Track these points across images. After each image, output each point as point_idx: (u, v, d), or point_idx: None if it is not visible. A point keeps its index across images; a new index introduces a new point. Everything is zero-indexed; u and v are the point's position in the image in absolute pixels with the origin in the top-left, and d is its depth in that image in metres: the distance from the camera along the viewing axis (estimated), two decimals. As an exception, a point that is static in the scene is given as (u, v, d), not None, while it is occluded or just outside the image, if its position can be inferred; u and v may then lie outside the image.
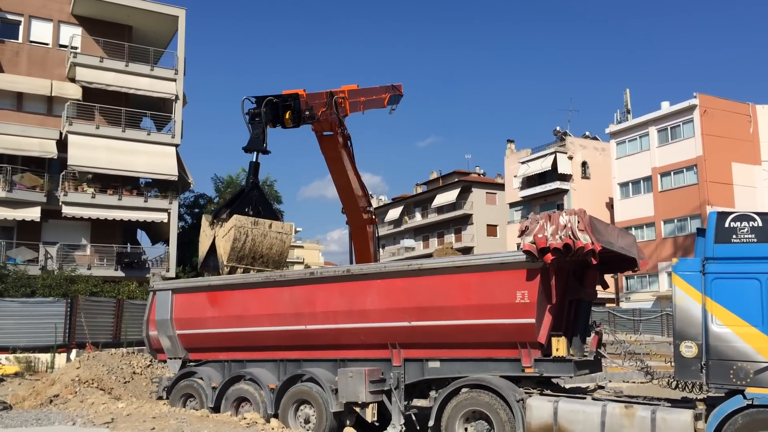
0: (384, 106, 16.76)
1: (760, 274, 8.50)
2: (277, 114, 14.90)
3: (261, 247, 14.18)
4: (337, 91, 15.72)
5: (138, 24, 35.48)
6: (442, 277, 10.77)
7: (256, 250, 14.12)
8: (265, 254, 14.26)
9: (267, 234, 14.29)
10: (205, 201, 40.78)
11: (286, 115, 14.96)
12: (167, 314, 13.79)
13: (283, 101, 14.89)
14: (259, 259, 14.18)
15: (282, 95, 14.92)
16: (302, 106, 14.98)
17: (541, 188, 55.51)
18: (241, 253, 13.85)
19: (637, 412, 9.00)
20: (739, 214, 8.88)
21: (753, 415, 8.27)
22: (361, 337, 11.53)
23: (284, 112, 14.93)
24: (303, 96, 15.06)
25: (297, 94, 15.03)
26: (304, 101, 15.02)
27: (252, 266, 14.03)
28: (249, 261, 14.03)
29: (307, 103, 15.00)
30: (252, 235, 13.98)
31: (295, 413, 11.89)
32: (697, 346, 8.78)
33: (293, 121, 15.03)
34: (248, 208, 14.59)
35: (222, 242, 13.96)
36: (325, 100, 15.23)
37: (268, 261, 14.36)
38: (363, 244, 16.70)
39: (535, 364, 10.05)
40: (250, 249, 14.01)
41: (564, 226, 9.53)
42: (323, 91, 15.40)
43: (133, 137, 33.28)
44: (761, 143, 46.59)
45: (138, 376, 16.94)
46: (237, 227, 13.81)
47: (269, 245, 14.33)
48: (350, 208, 16.41)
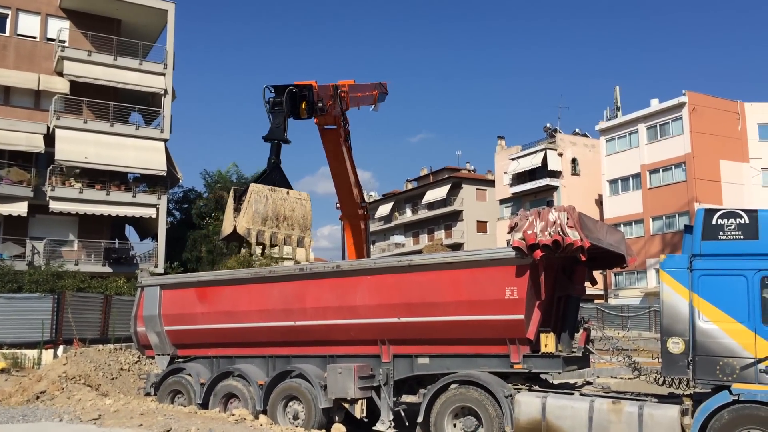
0: (374, 103, 16.75)
1: (747, 271, 8.56)
2: (294, 104, 14.71)
3: (283, 209, 14.02)
4: (339, 84, 15.70)
5: (127, 18, 35.22)
6: (432, 273, 10.78)
7: (279, 212, 13.91)
8: (289, 216, 14.09)
9: (286, 199, 14.20)
10: (194, 196, 40.57)
11: (302, 105, 14.81)
12: (155, 310, 13.73)
13: (299, 91, 14.72)
14: (284, 221, 13.96)
15: (296, 85, 14.76)
16: (315, 97, 14.88)
17: (531, 185, 55.65)
18: (264, 215, 13.61)
19: (624, 407, 9.05)
20: (726, 212, 8.94)
21: (739, 410, 8.33)
22: (350, 333, 11.52)
23: (300, 102, 14.77)
24: (315, 87, 14.96)
25: (310, 85, 14.87)
26: (316, 93, 14.94)
27: (278, 229, 13.78)
28: (274, 223, 13.78)
29: (319, 95, 14.92)
30: (272, 198, 13.85)
31: (284, 409, 11.88)
32: (684, 342, 8.84)
33: (307, 112, 14.89)
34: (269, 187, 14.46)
35: (245, 214, 13.59)
36: (332, 93, 15.19)
37: (293, 223, 14.17)
38: (356, 240, 16.69)
39: (523, 360, 10.09)
40: (273, 211, 13.79)
41: (553, 223, 9.56)
42: (329, 84, 15.35)
43: (121, 132, 33.05)
44: (749, 141, 46.89)
45: (125, 372, 16.87)
46: (255, 191, 13.63)
47: (291, 208, 14.21)
48: (346, 203, 16.39)
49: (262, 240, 13.61)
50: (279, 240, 13.91)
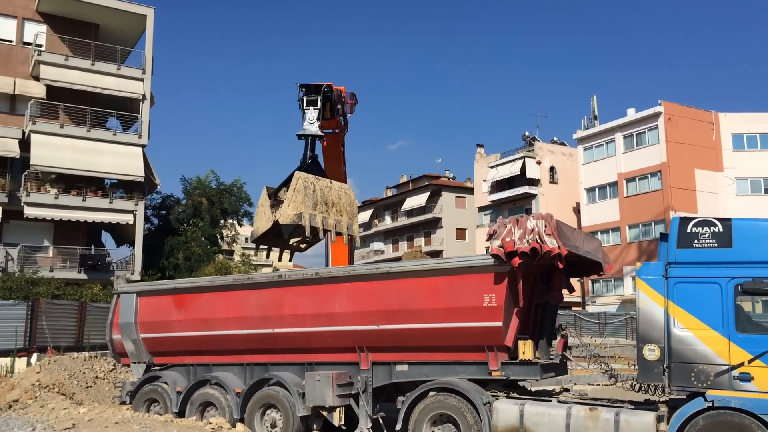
0: (351, 112, 16.72)
1: (720, 279, 8.67)
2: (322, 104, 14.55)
3: (330, 195, 13.85)
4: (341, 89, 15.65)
5: (105, 22, 34.91)
6: (411, 281, 10.79)
7: (327, 198, 13.72)
8: (337, 202, 13.91)
9: (331, 187, 14.07)
10: (173, 203, 40.23)
11: (327, 106, 14.71)
12: (131, 317, 13.57)
13: (326, 92, 14.57)
14: (332, 207, 13.76)
15: (327, 85, 14.56)
16: (334, 99, 14.81)
17: (510, 193, 56.05)
18: (314, 200, 13.38)
19: (601, 414, 9.11)
20: (701, 220, 9.06)
21: (713, 417, 8.43)
22: (329, 340, 11.48)
23: (325, 103, 14.66)
24: (333, 89, 14.89)
25: (330, 85, 14.73)
26: (336, 95, 14.88)
27: (328, 214, 13.56)
28: (324, 208, 13.57)
29: (337, 97, 14.86)
30: (318, 185, 13.67)
31: (261, 417, 11.79)
32: (659, 349, 8.92)
33: (330, 113, 14.80)
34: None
35: (291, 203, 13.34)
36: (337, 97, 15.13)
37: (341, 210, 13.97)
38: (341, 247, 16.53)
39: (501, 367, 10.12)
40: (321, 197, 13.59)
41: (531, 231, 9.63)
42: (340, 88, 15.29)
43: (98, 137, 32.69)
44: (723, 150, 47.68)
45: (101, 380, 16.63)
46: (302, 178, 13.41)
47: (337, 195, 14.06)
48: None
49: (314, 223, 13.32)
50: (330, 225, 13.65)
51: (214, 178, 40.76)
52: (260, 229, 13.93)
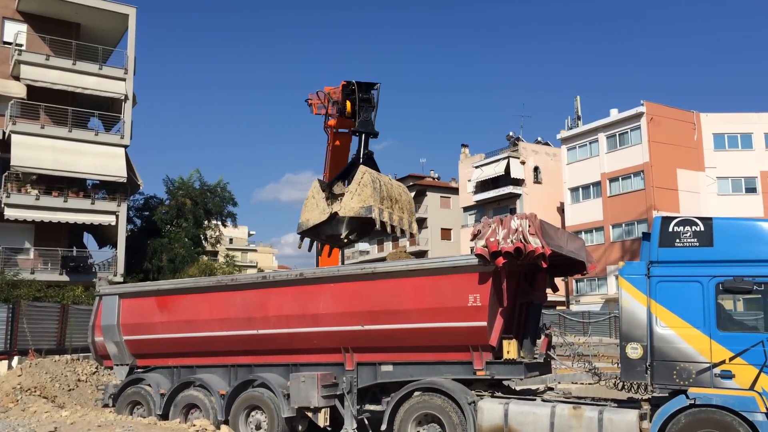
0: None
1: (702, 278, 8.75)
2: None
3: (392, 191, 13.63)
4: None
5: (86, 22, 34.58)
6: (395, 281, 10.77)
7: (391, 194, 13.48)
8: (399, 199, 13.67)
9: (392, 184, 13.89)
10: (156, 203, 39.95)
11: (347, 104, 14.33)
12: (114, 320, 13.45)
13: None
14: (396, 203, 13.51)
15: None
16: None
17: (495, 192, 56.21)
18: (381, 194, 13.13)
19: (584, 412, 9.16)
20: (682, 219, 9.14)
21: (695, 414, 8.50)
22: (313, 341, 11.44)
23: (345, 101, 14.30)
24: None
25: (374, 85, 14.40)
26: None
27: (392, 210, 13.30)
28: (389, 204, 13.33)
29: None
30: (382, 180, 13.44)
31: (246, 419, 11.73)
32: (642, 347, 8.99)
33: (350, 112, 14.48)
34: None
35: (355, 197, 13.12)
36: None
37: (403, 207, 13.75)
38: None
39: (486, 367, 10.13)
40: (387, 192, 13.33)
41: (515, 230, 9.65)
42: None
43: (80, 137, 32.39)
44: (705, 150, 48.13)
45: (83, 383, 16.48)
46: (368, 172, 13.17)
47: (398, 192, 13.85)
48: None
49: (383, 218, 13.05)
50: (395, 220, 13.36)
51: (198, 178, 40.57)
52: (311, 221, 13.66)
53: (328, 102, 14.38)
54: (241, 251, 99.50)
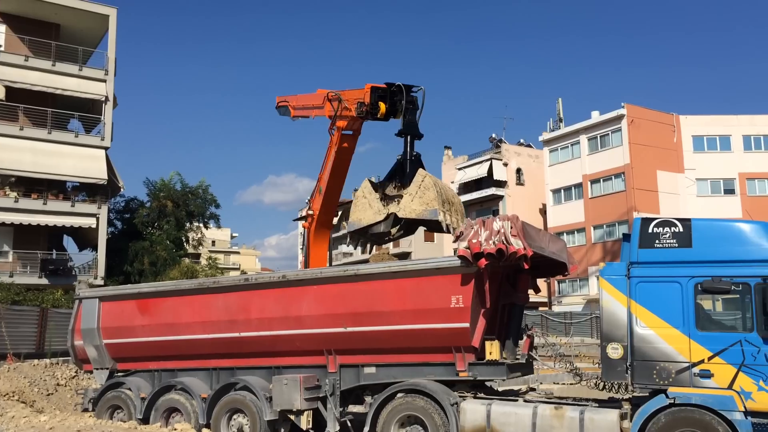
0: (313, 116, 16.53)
1: (681, 278, 8.84)
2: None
3: (448, 193, 13.54)
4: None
5: (66, 22, 34.25)
6: (378, 283, 10.77)
7: (447, 196, 13.37)
8: (453, 202, 13.56)
9: (445, 186, 13.85)
10: (137, 206, 39.61)
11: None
12: (94, 323, 13.32)
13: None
14: (452, 206, 13.36)
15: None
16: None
17: (478, 194, 56.38)
18: (442, 198, 12.98)
19: (566, 413, 9.22)
20: (662, 220, 9.23)
21: (675, 413, 8.58)
22: (296, 343, 11.41)
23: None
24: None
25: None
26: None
27: (450, 213, 13.12)
28: (448, 206, 13.17)
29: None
30: (440, 183, 13.35)
31: (227, 423, 11.66)
32: (622, 347, 9.06)
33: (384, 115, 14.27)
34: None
35: (416, 199, 12.94)
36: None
37: (457, 209, 13.60)
38: (323, 248, 16.28)
39: (469, 368, 10.16)
40: (444, 195, 13.18)
41: (497, 232, 9.69)
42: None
43: (59, 139, 32.08)
44: (684, 152, 48.67)
45: (62, 387, 16.28)
46: (429, 176, 13.00)
47: (452, 195, 13.81)
48: (328, 209, 15.90)
49: (448, 221, 12.89)
50: (454, 222, 13.16)
51: (179, 179, 40.29)
52: (364, 220, 13.52)
53: (339, 103, 14.26)
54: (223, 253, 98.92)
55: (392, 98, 13.79)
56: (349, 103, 14.05)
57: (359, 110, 13.65)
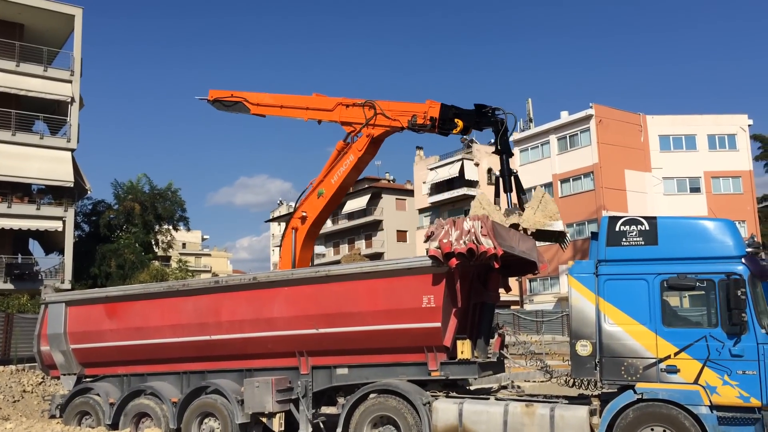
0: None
1: (648, 275, 8.99)
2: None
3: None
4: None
5: (30, 22, 33.60)
6: (350, 284, 10.76)
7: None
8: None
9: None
10: (104, 208, 38.99)
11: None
12: (60, 328, 13.09)
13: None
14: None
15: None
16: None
17: (449, 194, 56.68)
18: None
19: (537, 410, 9.31)
20: (628, 219, 9.37)
21: (643, 408, 8.72)
22: (268, 345, 11.34)
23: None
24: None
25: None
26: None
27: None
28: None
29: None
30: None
31: (199, 427, 11.54)
32: (591, 344, 9.18)
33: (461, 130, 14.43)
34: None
35: (538, 212, 12.95)
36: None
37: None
38: (310, 250, 16.15)
39: (441, 367, 10.20)
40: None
41: (468, 232, 9.75)
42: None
43: (24, 141, 31.46)
44: (651, 152, 49.51)
45: (29, 394, 15.98)
46: (545, 192, 13.29)
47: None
48: (325, 214, 15.84)
49: (566, 230, 13.31)
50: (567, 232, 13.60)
51: (146, 181, 39.78)
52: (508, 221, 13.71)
53: (373, 111, 14.21)
54: (194, 256, 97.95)
55: (466, 117, 13.90)
56: (393, 114, 14.13)
57: (412, 122, 13.77)
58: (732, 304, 8.42)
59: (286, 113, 15.72)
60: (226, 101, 16.27)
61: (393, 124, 14.19)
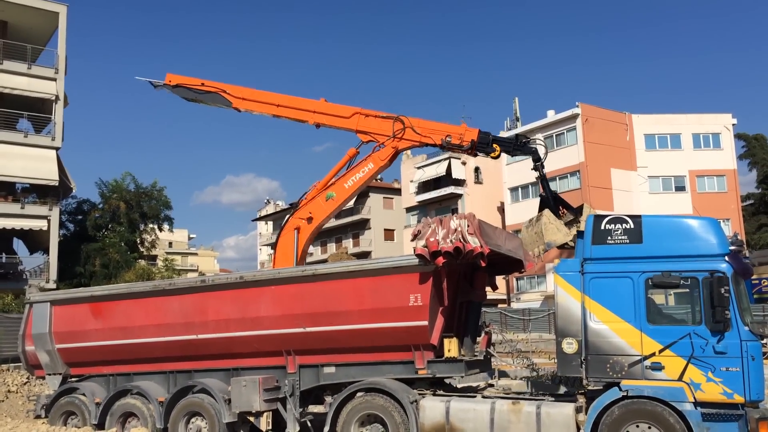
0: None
1: (632, 273, 9.06)
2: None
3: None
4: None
5: (14, 20, 33.28)
6: (336, 282, 10.77)
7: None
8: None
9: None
10: (89, 207, 38.71)
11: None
12: (45, 328, 12.99)
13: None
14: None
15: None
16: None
17: (436, 193, 56.73)
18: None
19: (523, 407, 9.36)
20: (613, 217, 9.44)
21: (628, 405, 8.79)
22: (254, 345, 11.32)
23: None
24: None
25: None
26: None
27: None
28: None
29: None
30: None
31: (186, 426, 11.51)
32: (577, 342, 9.24)
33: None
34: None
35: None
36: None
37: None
38: (306, 250, 16.19)
39: (427, 366, 10.24)
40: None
41: (454, 230, 9.78)
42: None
43: (8, 139, 31.19)
44: (636, 150, 49.83)
45: (13, 394, 15.88)
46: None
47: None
48: (335, 213, 15.98)
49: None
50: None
51: (131, 180, 39.55)
52: (558, 241, 13.82)
53: (402, 125, 14.58)
54: (181, 255, 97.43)
55: (503, 143, 14.83)
56: (423, 131, 14.60)
57: (446, 141, 14.41)
58: (716, 302, 8.50)
59: (283, 113, 15.60)
60: (194, 89, 15.84)
61: (424, 140, 14.72)
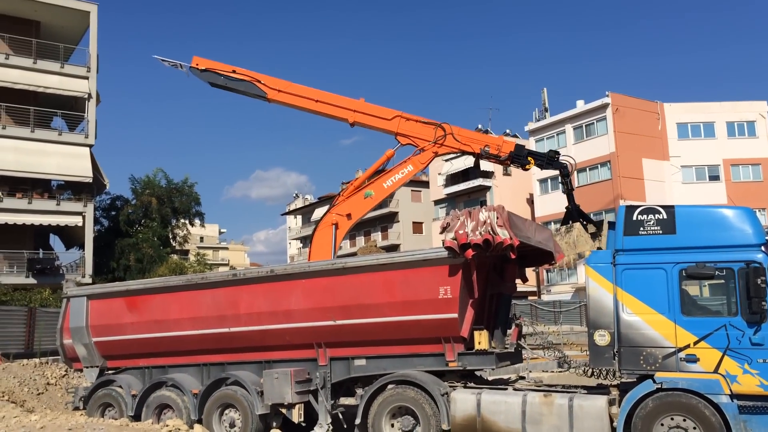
0: None
1: (666, 264, 8.94)
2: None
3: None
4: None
5: (46, 19, 33.90)
6: (366, 275, 10.80)
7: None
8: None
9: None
10: (122, 203, 39.36)
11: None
12: (82, 321, 13.27)
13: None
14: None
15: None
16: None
17: (465, 185, 56.48)
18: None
19: (555, 400, 9.31)
20: (646, 208, 9.32)
21: (662, 398, 8.70)
22: (286, 337, 11.43)
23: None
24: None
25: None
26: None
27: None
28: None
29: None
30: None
31: (219, 418, 11.68)
32: (609, 334, 9.15)
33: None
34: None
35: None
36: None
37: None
38: (340, 240, 16.48)
39: (458, 358, 10.23)
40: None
41: (484, 222, 9.75)
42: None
43: (43, 137, 31.82)
44: (669, 140, 48.97)
45: (52, 387, 16.23)
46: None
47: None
48: (370, 209, 16.40)
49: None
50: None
51: (163, 176, 40.09)
52: (587, 254, 14.55)
53: (443, 132, 15.01)
54: (212, 249, 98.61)
55: (537, 157, 15.73)
56: (463, 138, 15.13)
57: (485, 150, 14.98)
58: (752, 293, 8.36)
59: (322, 109, 15.81)
60: (226, 75, 15.83)
61: (463, 148, 15.26)
